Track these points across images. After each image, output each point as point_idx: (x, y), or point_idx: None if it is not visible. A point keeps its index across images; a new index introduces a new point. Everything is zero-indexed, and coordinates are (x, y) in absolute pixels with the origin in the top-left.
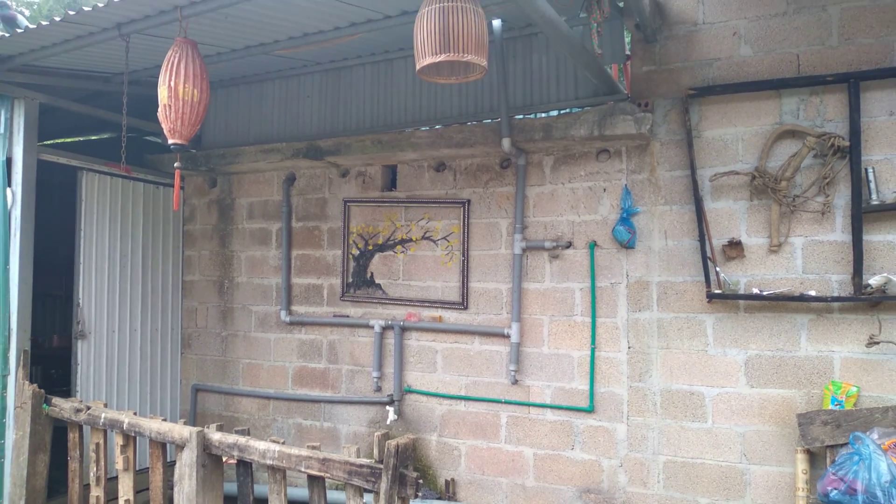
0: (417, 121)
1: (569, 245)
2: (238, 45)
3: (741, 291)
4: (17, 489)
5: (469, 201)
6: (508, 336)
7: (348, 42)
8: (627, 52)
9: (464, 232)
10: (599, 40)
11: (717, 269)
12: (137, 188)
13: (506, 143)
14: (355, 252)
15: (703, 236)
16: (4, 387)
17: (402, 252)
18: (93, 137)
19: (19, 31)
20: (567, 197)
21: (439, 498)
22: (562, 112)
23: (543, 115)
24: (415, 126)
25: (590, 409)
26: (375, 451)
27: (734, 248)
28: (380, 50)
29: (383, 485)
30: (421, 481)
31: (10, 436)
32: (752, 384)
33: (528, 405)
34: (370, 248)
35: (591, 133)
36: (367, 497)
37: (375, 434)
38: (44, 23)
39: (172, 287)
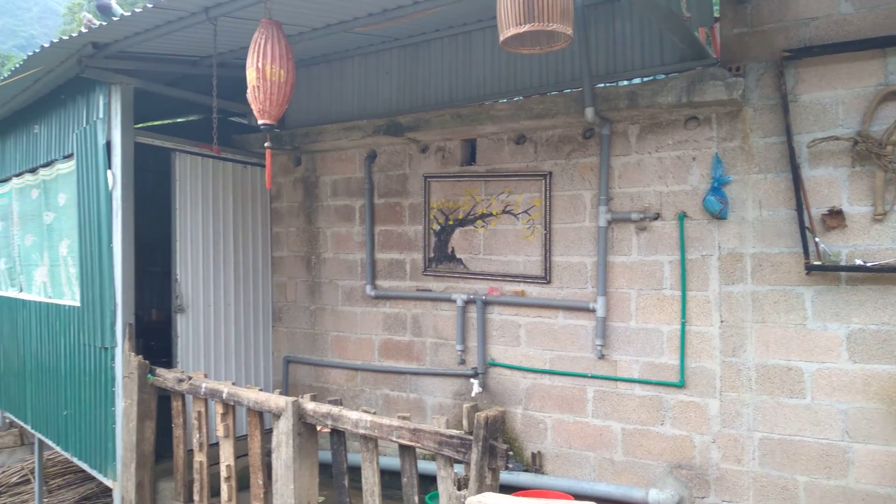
0: (496, 93)
1: (657, 216)
2: (319, 23)
3: (842, 263)
4: (128, 453)
5: (551, 173)
6: (594, 310)
7: (426, 16)
8: (716, 14)
9: (545, 205)
10: (687, 3)
11: (817, 239)
12: (227, 168)
13: (589, 112)
14: (436, 227)
15: (800, 205)
16: (112, 358)
17: (483, 226)
18: (180, 120)
19: (115, 19)
20: (654, 167)
21: (526, 470)
22: (647, 79)
23: (627, 82)
24: (494, 98)
25: (680, 385)
26: (465, 423)
27: (834, 217)
28: (458, 22)
29: (474, 455)
30: (511, 453)
31: (120, 404)
32: (854, 360)
33: (616, 380)
34: (450, 223)
35: (678, 100)
36: (458, 467)
37: (464, 406)
38: (137, 10)
39: (262, 263)
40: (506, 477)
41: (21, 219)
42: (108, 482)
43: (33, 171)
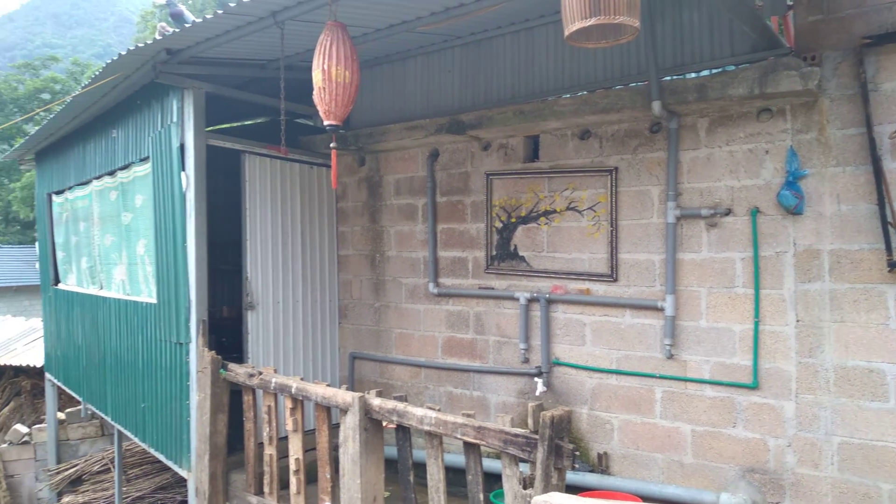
0: (560, 88)
1: (728, 212)
2: (381, 24)
3: None
4: (201, 445)
5: (616, 169)
6: (662, 309)
7: (488, 13)
8: (789, 2)
9: (611, 201)
10: None
11: None
12: (294, 168)
13: (656, 106)
14: (498, 225)
15: (882, 199)
16: (187, 353)
17: (546, 224)
18: (248, 122)
19: (187, 25)
20: (725, 161)
21: (592, 471)
22: (716, 71)
23: (695, 75)
24: (557, 94)
25: (753, 386)
26: (530, 422)
27: None
28: (520, 19)
29: (539, 455)
30: (577, 453)
31: (194, 397)
32: None
33: (685, 380)
34: (513, 220)
35: (750, 92)
36: (523, 466)
37: (530, 405)
38: (208, 16)
39: (329, 261)
40: (571, 477)
41: (101, 219)
42: (182, 473)
43: (112, 173)
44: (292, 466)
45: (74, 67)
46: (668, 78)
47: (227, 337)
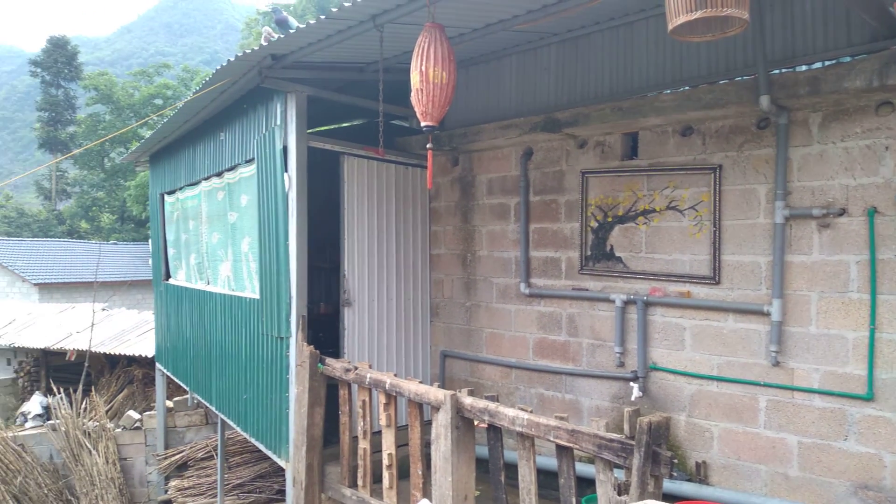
0: (660, 84)
1: (842, 212)
2: (478, 23)
3: None
4: (299, 436)
5: (720, 166)
6: (768, 314)
7: (587, 9)
8: None
9: (714, 200)
10: None
11: None
12: (389, 169)
13: (764, 100)
14: (593, 224)
15: None
16: (287, 347)
17: (645, 223)
18: (344, 125)
19: (291, 31)
20: (839, 158)
21: (689, 480)
22: (830, 63)
23: (806, 67)
24: (657, 89)
25: (868, 397)
26: (626, 427)
27: None
28: (619, 13)
29: (635, 461)
30: (676, 461)
31: (293, 390)
32: None
33: (792, 389)
34: (609, 220)
35: (869, 84)
36: (617, 472)
37: (626, 410)
38: (311, 21)
39: (421, 260)
40: (667, 485)
41: (209, 218)
42: (281, 462)
43: (219, 174)
44: (385, 461)
45: (184, 74)
46: (778, 71)
47: (323, 332)
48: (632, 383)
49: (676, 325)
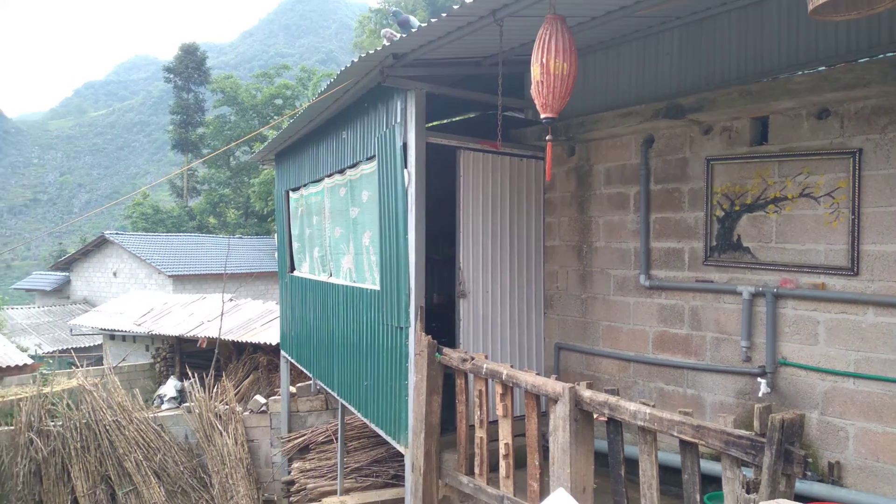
0: (793, 65)
1: None
2: (598, 12)
3: None
4: (417, 423)
5: (861, 150)
6: None
7: None
8: None
9: (853, 186)
10: None
11: None
12: (504, 161)
13: None
14: (719, 213)
15: None
16: (406, 337)
17: (775, 212)
18: (456, 119)
19: (413, 30)
20: None
21: (821, 480)
22: None
23: None
24: (789, 71)
25: None
26: (756, 424)
27: None
28: None
29: (766, 459)
30: (810, 460)
31: (412, 378)
32: None
33: None
34: (736, 208)
35: None
36: (745, 470)
37: (756, 406)
38: (433, 20)
39: (535, 252)
40: (798, 485)
41: (331, 213)
42: (399, 448)
43: (341, 171)
44: (502, 451)
45: (302, 74)
46: None
47: (436, 322)
48: (759, 379)
49: (809, 319)
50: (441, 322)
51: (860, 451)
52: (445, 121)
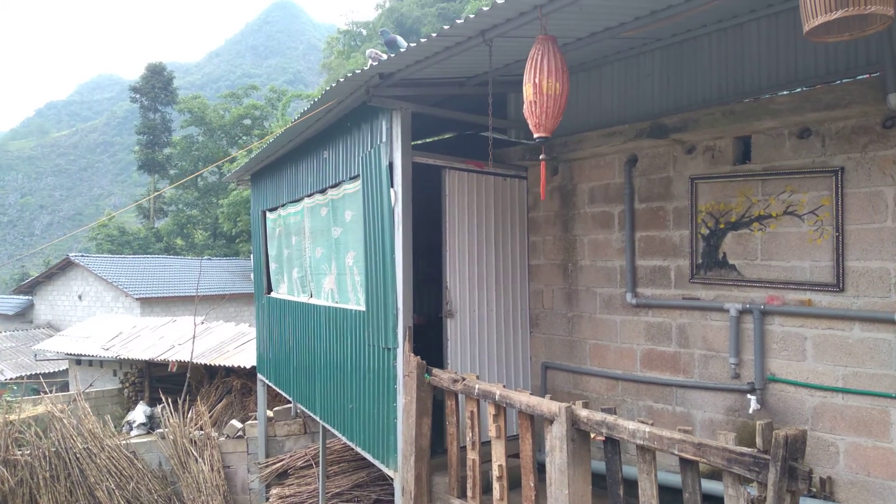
0: (774, 85)
1: None
2: (583, 32)
3: None
4: (407, 446)
5: (842, 169)
6: None
7: (695, 13)
8: None
9: (836, 204)
10: None
11: None
12: (488, 181)
13: (892, 99)
14: (704, 231)
15: None
16: (394, 358)
17: (760, 229)
18: (432, 139)
19: (402, 50)
20: None
21: (814, 496)
22: None
23: None
24: (770, 91)
25: None
26: (759, 441)
27: None
28: (727, 16)
29: (771, 476)
30: (813, 476)
31: (401, 400)
32: None
33: None
34: (721, 226)
35: None
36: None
37: (758, 423)
38: (422, 40)
39: (521, 271)
40: None
41: (312, 233)
42: (388, 472)
43: (322, 191)
44: (495, 472)
45: (271, 94)
46: None
47: (417, 343)
48: (748, 395)
49: (797, 335)
50: (421, 342)
51: (851, 465)
52: (420, 141)
